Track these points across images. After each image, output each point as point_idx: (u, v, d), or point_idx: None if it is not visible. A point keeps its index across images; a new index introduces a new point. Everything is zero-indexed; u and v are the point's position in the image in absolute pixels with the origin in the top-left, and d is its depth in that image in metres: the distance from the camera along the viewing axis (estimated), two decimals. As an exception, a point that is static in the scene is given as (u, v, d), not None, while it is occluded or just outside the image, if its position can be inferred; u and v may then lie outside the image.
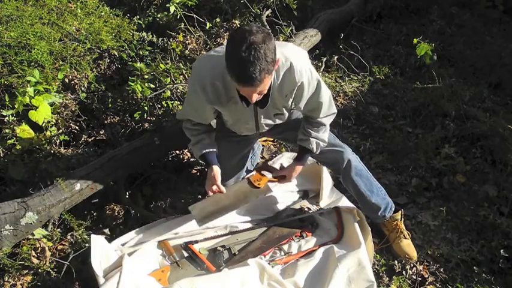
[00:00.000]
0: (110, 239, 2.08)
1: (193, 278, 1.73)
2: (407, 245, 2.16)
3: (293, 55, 1.77)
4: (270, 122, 2.03)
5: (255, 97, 1.64)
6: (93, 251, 1.79)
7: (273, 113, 1.96)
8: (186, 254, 1.97)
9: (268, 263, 1.94)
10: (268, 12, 3.54)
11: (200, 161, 2.07)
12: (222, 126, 2.22)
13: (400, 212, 2.21)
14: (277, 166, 2.26)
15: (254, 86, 1.55)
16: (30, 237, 1.99)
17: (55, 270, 1.94)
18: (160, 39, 3.03)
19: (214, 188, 2.00)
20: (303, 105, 1.92)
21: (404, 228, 2.20)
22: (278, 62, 1.64)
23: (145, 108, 2.51)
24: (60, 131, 2.44)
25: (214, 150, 2.03)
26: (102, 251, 1.82)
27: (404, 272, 2.11)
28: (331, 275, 1.90)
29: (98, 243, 1.84)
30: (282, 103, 1.89)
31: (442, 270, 2.13)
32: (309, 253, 2.05)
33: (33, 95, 2.25)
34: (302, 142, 2.07)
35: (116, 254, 1.86)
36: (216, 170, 2.00)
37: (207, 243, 2.05)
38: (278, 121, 2.06)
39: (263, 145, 2.73)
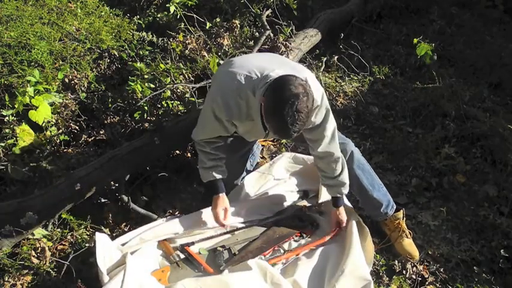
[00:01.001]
0: (110, 238, 2.08)
1: (198, 278, 1.74)
2: (409, 244, 2.16)
3: (311, 80, 1.79)
4: None
5: None
6: (98, 249, 1.79)
7: None
8: (183, 256, 1.97)
9: (268, 261, 1.95)
10: (268, 12, 3.54)
11: (205, 183, 2.07)
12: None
13: (401, 211, 2.21)
14: (278, 170, 2.28)
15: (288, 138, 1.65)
16: (30, 237, 1.99)
17: (55, 270, 1.94)
18: (160, 39, 3.03)
19: (223, 218, 2.01)
20: (309, 127, 1.90)
21: (406, 228, 2.20)
22: None
23: (145, 108, 2.51)
24: (60, 131, 2.43)
25: (224, 178, 2.06)
26: (106, 250, 1.82)
27: (404, 272, 2.11)
28: (330, 274, 1.91)
29: (102, 241, 1.84)
30: None
31: (442, 270, 2.14)
32: (309, 253, 2.05)
33: (33, 95, 2.25)
34: (332, 193, 2.11)
35: (119, 252, 1.86)
36: (225, 200, 2.04)
37: (206, 243, 2.05)
38: None
39: (263, 145, 2.73)
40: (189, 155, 2.59)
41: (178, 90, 2.64)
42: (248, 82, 1.76)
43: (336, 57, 3.47)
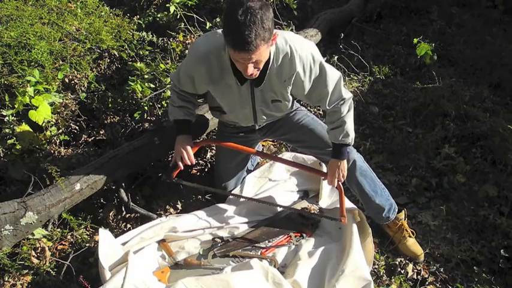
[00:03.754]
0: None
1: (199, 277, 1.74)
2: (414, 244, 2.17)
3: (294, 40, 1.76)
4: (267, 111, 2.00)
5: (251, 68, 1.61)
6: (101, 245, 1.79)
7: (270, 99, 1.93)
8: (179, 258, 1.97)
9: (261, 253, 1.99)
10: (268, 12, 3.54)
11: (173, 123, 2.03)
12: (223, 126, 2.22)
13: (403, 211, 2.21)
14: (278, 170, 2.29)
15: (249, 51, 1.53)
16: (30, 237, 1.99)
17: (55, 270, 1.94)
18: (160, 39, 3.03)
19: (186, 159, 1.95)
20: (306, 91, 1.87)
21: (408, 227, 2.20)
22: (276, 37, 1.63)
23: (146, 108, 2.51)
24: (60, 130, 2.43)
25: (193, 121, 2.04)
26: (109, 246, 1.82)
27: (404, 272, 2.11)
28: (331, 274, 1.91)
29: (105, 237, 1.84)
30: (280, 89, 1.87)
31: (442, 270, 2.14)
32: (310, 253, 2.05)
33: (33, 95, 2.25)
34: (334, 138, 2.01)
35: (121, 250, 1.86)
36: (190, 139, 1.99)
37: (202, 238, 2.05)
38: (276, 112, 2.04)
39: (263, 145, 2.73)
40: (189, 155, 2.59)
41: (178, 90, 2.64)
42: (218, 38, 1.71)
43: (336, 57, 3.47)
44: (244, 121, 2.08)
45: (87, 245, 2.06)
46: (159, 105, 2.58)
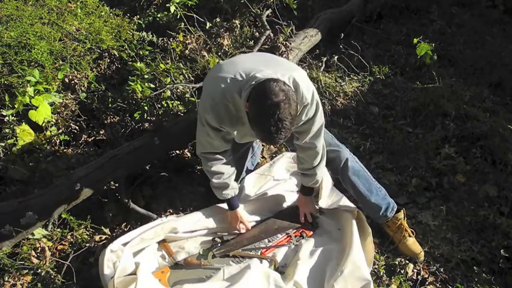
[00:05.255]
0: (110, 239, 2.08)
1: (200, 284, 1.73)
2: (413, 244, 2.17)
3: (299, 78, 1.77)
4: None
5: None
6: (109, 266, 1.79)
7: None
8: (179, 258, 1.97)
9: (261, 253, 2.00)
10: (268, 12, 3.54)
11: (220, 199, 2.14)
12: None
13: (402, 211, 2.21)
14: (278, 170, 2.29)
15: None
16: (30, 237, 1.99)
17: (55, 270, 1.94)
18: (160, 39, 3.03)
19: (242, 226, 2.12)
20: (300, 124, 1.89)
21: (408, 227, 2.20)
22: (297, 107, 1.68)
23: (146, 108, 2.51)
24: (60, 130, 2.44)
25: (236, 194, 2.11)
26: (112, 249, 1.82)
27: (404, 272, 2.11)
28: (330, 275, 1.91)
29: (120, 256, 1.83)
30: None
31: (442, 270, 2.14)
32: (310, 253, 2.05)
33: (33, 95, 2.25)
34: (305, 182, 2.16)
35: (127, 255, 1.84)
36: (241, 211, 2.13)
37: (205, 243, 2.05)
38: None
39: (263, 145, 2.73)
40: (188, 154, 2.59)
41: (178, 90, 2.64)
42: (234, 84, 1.74)
43: (336, 57, 3.47)
44: (249, 140, 2.16)
45: (87, 245, 2.06)
46: (159, 105, 2.57)
